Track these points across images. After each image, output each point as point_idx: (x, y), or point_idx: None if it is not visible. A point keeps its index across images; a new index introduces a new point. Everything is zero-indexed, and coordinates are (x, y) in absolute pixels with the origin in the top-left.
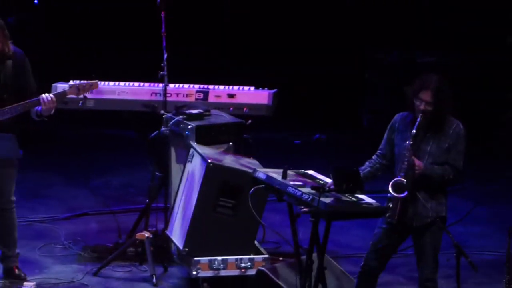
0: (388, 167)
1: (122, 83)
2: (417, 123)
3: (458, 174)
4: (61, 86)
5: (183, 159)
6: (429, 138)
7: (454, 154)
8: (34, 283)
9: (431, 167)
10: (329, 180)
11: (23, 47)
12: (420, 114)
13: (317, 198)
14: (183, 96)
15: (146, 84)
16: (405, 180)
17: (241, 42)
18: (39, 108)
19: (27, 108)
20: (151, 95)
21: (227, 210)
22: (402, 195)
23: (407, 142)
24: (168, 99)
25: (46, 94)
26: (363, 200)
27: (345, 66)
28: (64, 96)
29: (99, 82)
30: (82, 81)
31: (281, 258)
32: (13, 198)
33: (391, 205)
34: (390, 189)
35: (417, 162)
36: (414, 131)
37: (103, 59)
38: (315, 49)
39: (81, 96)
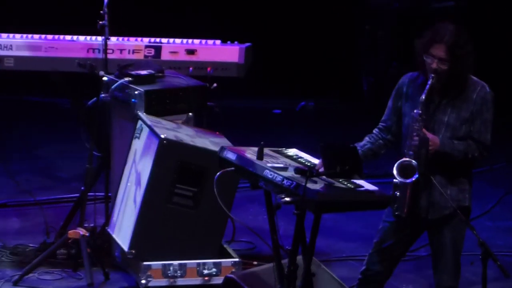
0: (394, 143)
1: (50, 36)
2: (427, 86)
3: (485, 151)
4: None
5: (129, 135)
6: (446, 106)
7: (479, 125)
8: None
9: (449, 142)
10: (318, 161)
11: None
12: (432, 74)
13: (303, 184)
14: (129, 52)
15: (81, 37)
16: (414, 161)
17: None
18: None
19: None
20: (88, 51)
21: (186, 201)
22: (410, 180)
23: (415, 111)
24: (110, 56)
25: None
26: (362, 186)
27: (340, 16)
28: None
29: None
30: None
31: (255, 263)
32: None
33: (398, 194)
34: (395, 172)
35: (430, 136)
36: (423, 96)
37: (26, 5)
38: None
39: None
